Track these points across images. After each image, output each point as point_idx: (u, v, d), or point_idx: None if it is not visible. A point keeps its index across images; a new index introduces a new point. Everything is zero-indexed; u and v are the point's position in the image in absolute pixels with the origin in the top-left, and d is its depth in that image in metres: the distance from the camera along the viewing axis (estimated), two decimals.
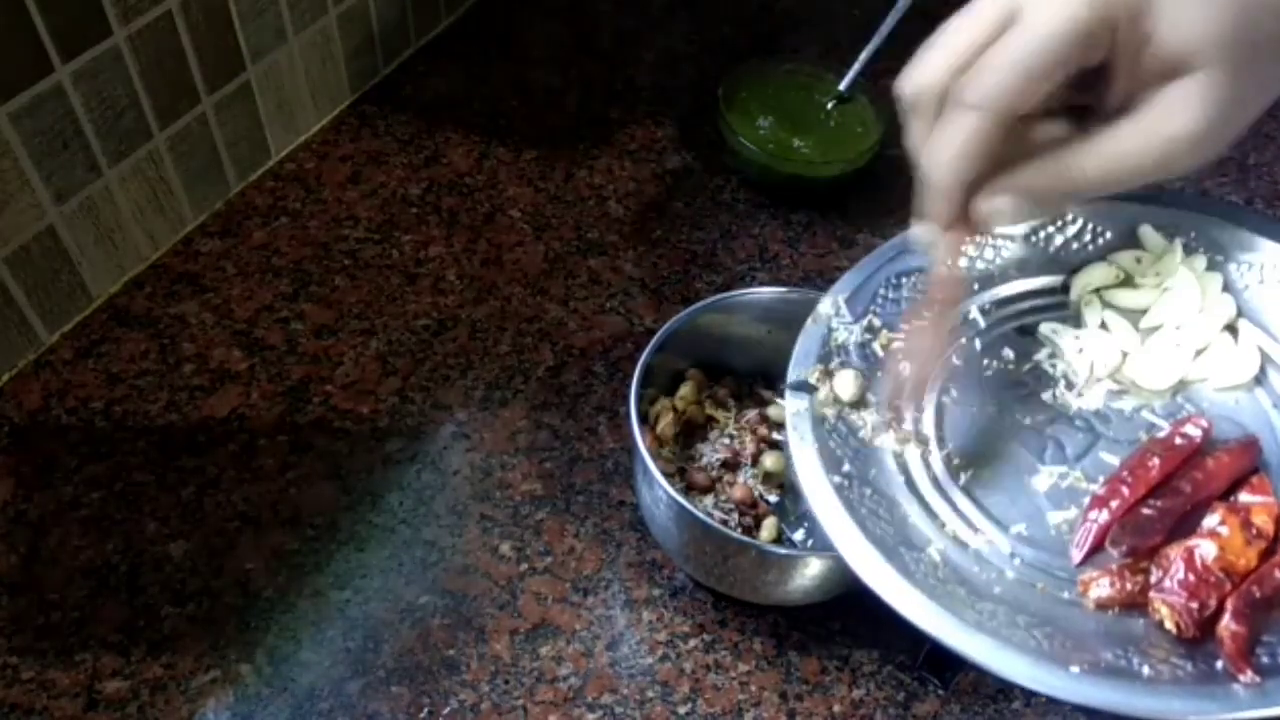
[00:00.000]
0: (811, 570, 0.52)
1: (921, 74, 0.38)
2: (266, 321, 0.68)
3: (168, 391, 0.64)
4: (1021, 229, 0.49)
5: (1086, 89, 0.38)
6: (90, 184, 0.63)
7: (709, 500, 0.58)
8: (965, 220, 0.39)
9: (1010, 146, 0.38)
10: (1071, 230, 0.49)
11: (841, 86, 0.81)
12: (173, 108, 0.67)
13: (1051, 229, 0.49)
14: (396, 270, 0.72)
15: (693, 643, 0.57)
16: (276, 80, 0.74)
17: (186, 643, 0.55)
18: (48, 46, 0.57)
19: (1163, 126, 0.35)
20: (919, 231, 0.41)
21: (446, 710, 0.53)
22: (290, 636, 0.55)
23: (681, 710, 0.54)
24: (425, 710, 0.53)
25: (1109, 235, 0.49)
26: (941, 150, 0.37)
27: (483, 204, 0.77)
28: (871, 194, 0.80)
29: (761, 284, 0.73)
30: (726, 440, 0.61)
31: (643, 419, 0.56)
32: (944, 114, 0.37)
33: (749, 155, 0.77)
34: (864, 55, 0.80)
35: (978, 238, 0.46)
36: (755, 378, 0.64)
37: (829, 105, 0.81)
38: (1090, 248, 0.49)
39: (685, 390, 0.61)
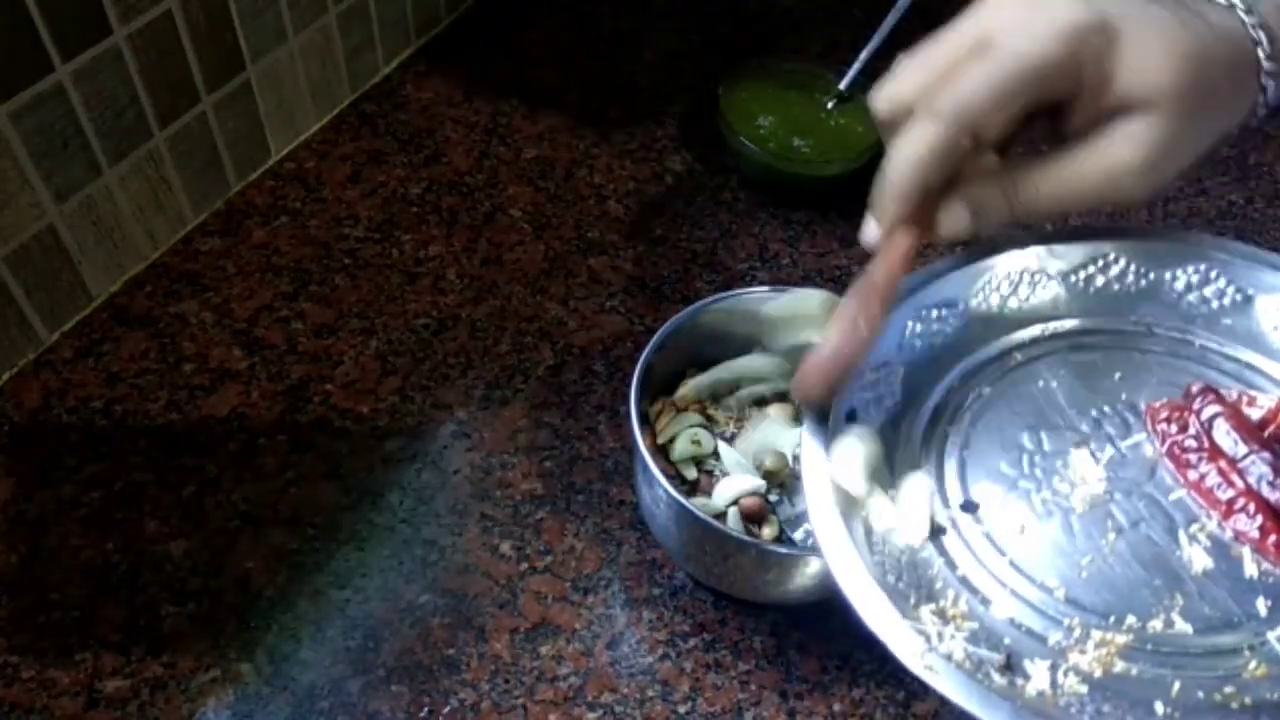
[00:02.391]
0: (811, 570, 0.52)
1: (894, 87, 0.41)
2: (266, 321, 0.68)
3: (168, 391, 0.64)
4: (1061, 266, 0.49)
5: (1042, 118, 0.41)
6: (90, 183, 0.63)
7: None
8: (919, 225, 0.42)
9: (968, 167, 0.41)
10: (1114, 271, 0.49)
11: (842, 86, 0.81)
12: (173, 107, 0.67)
13: (1093, 269, 0.49)
14: (396, 269, 0.72)
15: (693, 642, 0.57)
16: (276, 79, 0.74)
17: (187, 642, 0.55)
18: (48, 46, 0.57)
19: (1109, 158, 0.39)
20: (867, 230, 0.43)
21: (446, 709, 0.53)
22: (290, 635, 0.55)
23: (682, 709, 0.54)
24: (425, 709, 0.53)
25: (1150, 277, 0.48)
26: (902, 153, 0.40)
27: (483, 203, 0.77)
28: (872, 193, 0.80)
29: (762, 283, 0.73)
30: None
31: (643, 418, 0.56)
32: (910, 122, 0.40)
33: (749, 155, 0.77)
34: (864, 54, 0.80)
35: (922, 242, 0.45)
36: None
37: (829, 105, 0.81)
38: (1132, 289, 0.49)
39: (685, 390, 0.61)
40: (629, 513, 0.61)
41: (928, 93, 0.39)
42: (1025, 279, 0.49)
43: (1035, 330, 0.49)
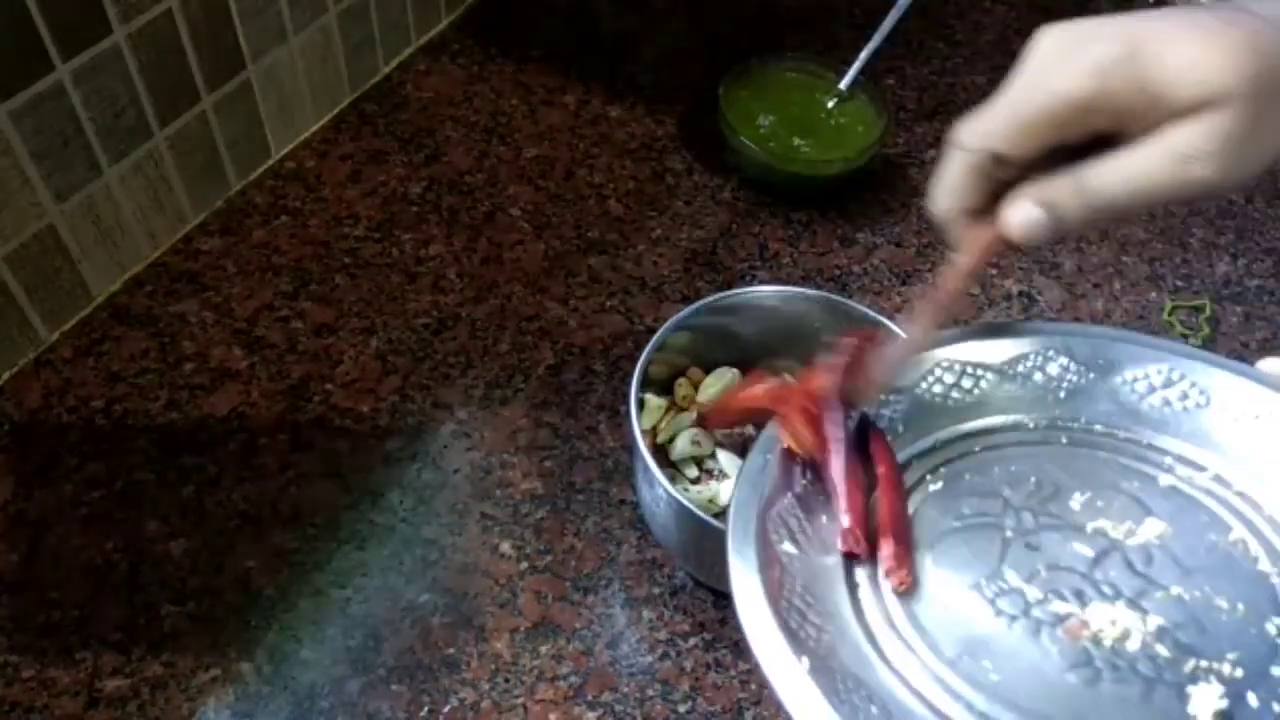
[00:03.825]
0: None
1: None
2: (267, 320, 0.68)
3: (168, 390, 0.64)
4: (997, 360, 0.46)
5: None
6: (90, 182, 0.63)
7: None
8: (997, 237, 0.42)
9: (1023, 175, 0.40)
10: (1054, 368, 0.46)
11: (842, 85, 0.81)
12: (173, 106, 0.67)
13: (1033, 362, 0.46)
14: (397, 269, 0.72)
15: (693, 641, 0.57)
16: (277, 79, 0.74)
17: (187, 641, 0.55)
18: (48, 45, 0.57)
19: (1179, 145, 0.37)
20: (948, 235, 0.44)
21: (447, 709, 0.53)
22: (291, 635, 0.55)
23: (682, 709, 0.54)
24: (426, 709, 0.53)
25: (1092, 375, 0.46)
26: (936, 183, 0.42)
27: (483, 202, 0.77)
28: (872, 192, 0.80)
29: (762, 283, 0.73)
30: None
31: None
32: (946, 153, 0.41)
33: (749, 154, 0.77)
34: (864, 54, 0.80)
35: (1000, 245, 0.43)
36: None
37: (829, 104, 0.81)
38: (1080, 382, 0.46)
39: (685, 389, 0.61)
40: (629, 512, 0.61)
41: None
42: (969, 372, 0.47)
43: (979, 423, 0.46)
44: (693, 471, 0.59)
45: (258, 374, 0.66)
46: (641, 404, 0.56)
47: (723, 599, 0.58)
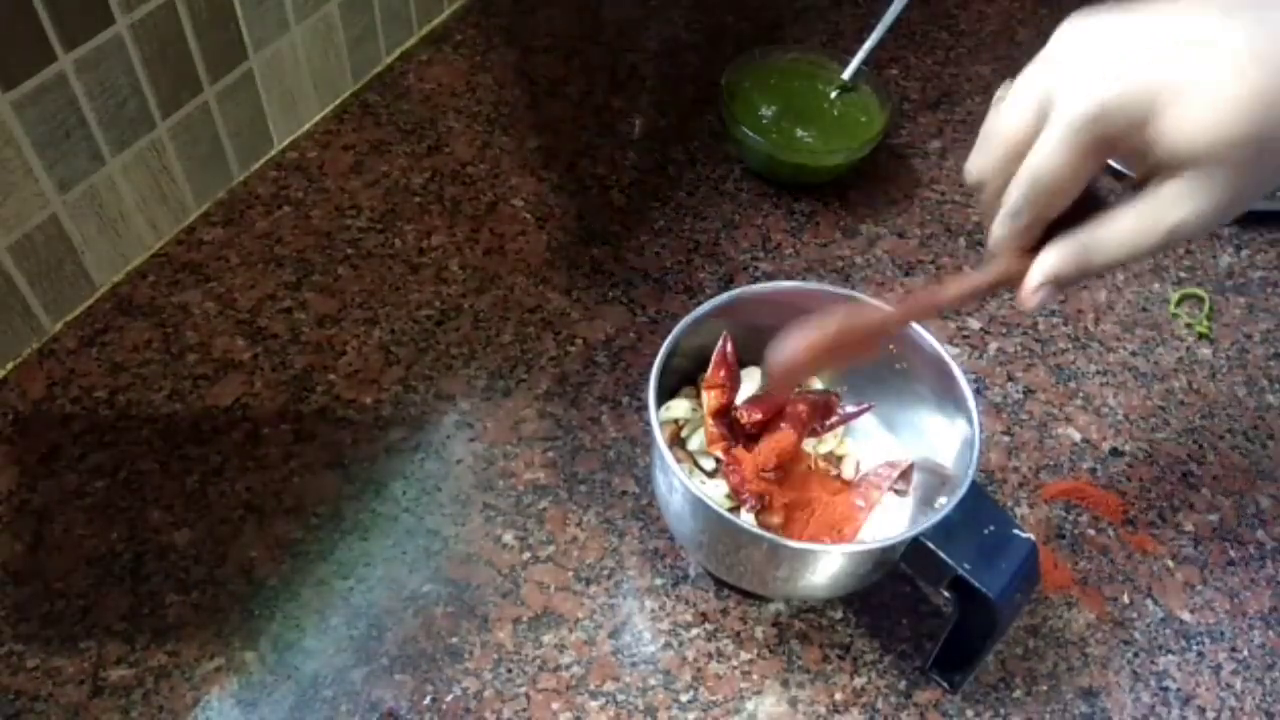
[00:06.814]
0: (822, 566, 0.52)
1: (972, 166, 0.43)
2: (269, 311, 0.68)
3: (171, 380, 0.64)
4: None
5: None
6: (93, 173, 0.63)
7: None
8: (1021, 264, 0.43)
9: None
10: None
11: (845, 75, 0.81)
12: (175, 97, 0.67)
13: None
14: (399, 260, 0.72)
15: (695, 631, 0.57)
16: (279, 69, 0.74)
17: (191, 630, 0.55)
18: (50, 35, 0.57)
19: (1164, 216, 0.38)
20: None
21: (450, 698, 0.54)
22: (294, 624, 0.55)
23: (684, 698, 0.54)
24: (428, 698, 0.54)
25: None
26: (992, 231, 0.43)
27: (485, 193, 0.77)
28: (875, 183, 0.80)
29: (766, 275, 0.73)
30: None
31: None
32: (994, 210, 0.42)
33: (752, 145, 0.77)
34: (868, 44, 0.79)
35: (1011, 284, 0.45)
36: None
37: (833, 94, 0.81)
38: None
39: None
40: (631, 502, 0.61)
41: (1003, 168, 0.41)
42: None
43: None
44: (710, 463, 0.59)
45: (260, 364, 0.66)
46: (662, 395, 0.55)
47: (725, 589, 0.58)
